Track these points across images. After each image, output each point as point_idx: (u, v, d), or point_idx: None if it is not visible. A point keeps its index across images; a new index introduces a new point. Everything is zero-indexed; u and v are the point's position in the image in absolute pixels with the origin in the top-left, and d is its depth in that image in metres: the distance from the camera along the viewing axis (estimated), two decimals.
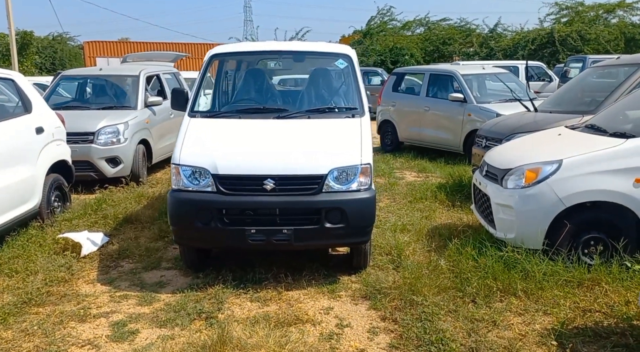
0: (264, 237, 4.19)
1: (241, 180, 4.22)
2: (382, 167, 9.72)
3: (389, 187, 8.11)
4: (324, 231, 4.23)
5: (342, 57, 5.18)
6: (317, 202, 4.20)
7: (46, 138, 5.64)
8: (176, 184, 4.32)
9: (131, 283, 4.54)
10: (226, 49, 5.40)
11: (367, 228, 4.37)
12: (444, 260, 4.64)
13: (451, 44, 32.61)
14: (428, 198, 7.22)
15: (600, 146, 4.39)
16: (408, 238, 5.52)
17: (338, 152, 4.36)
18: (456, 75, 10.30)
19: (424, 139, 10.95)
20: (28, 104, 5.54)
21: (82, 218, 6.06)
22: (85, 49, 32.41)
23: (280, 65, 5.73)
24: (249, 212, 4.24)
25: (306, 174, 4.22)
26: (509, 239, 4.53)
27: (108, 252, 5.24)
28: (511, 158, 4.84)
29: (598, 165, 4.26)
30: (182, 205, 4.25)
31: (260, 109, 4.92)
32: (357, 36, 33.75)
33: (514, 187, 4.55)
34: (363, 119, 4.75)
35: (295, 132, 4.56)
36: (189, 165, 4.28)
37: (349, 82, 5.09)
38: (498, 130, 6.97)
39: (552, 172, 4.36)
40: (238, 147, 4.40)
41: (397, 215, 6.53)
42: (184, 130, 4.62)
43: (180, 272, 4.77)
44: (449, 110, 10.21)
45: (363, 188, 4.35)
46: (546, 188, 4.34)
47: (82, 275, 4.69)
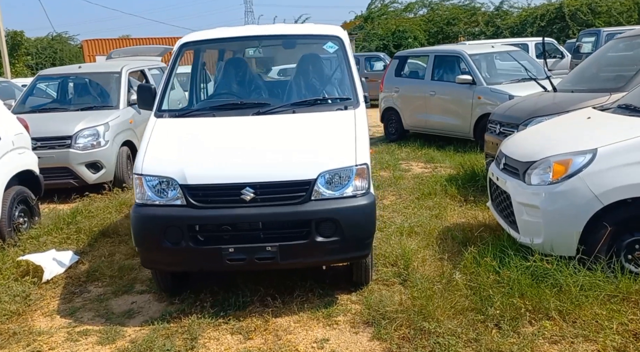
0: (245, 256, 3.53)
1: (215, 190, 3.55)
2: (387, 159, 9.02)
3: (394, 181, 7.41)
4: (315, 246, 3.55)
5: (331, 39, 4.46)
6: (305, 213, 3.53)
7: (4, 147, 5.01)
8: (140, 198, 3.65)
9: (96, 313, 3.91)
10: (198, 36, 4.68)
11: (366, 240, 3.69)
12: (459, 273, 3.95)
13: (456, 24, 31.64)
14: (437, 193, 6.52)
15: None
16: (417, 244, 4.83)
17: (328, 152, 3.67)
18: (463, 55, 9.54)
19: (431, 126, 10.21)
20: None
21: (52, 234, 5.42)
22: (84, 47, 31.77)
23: (261, 52, 5.04)
24: (226, 227, 3.57)
25: (291, 180, 3.54)
26: (536, 245, 3.83)
27: (76, 274, 4.61)
28: (534, 148, 4.12)
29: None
30: (146, 222, 3.59)
31: (237, 105, 4.22)
32: (358, 21, 32.83)
33: (540, 183, 3.84)
34: (358, 110, 4.04)
35: (278, 130, 3.87)
36: (153, 175, 3.61)
37: (340, 68, 4.38)
38: (513, 114, 6.23)
39: (585, 164, 3.64)
40: (210, 151, 3.72)
41: (404, 214, 5.84)
42: (148, 134, 3.95)
43: (154, 297, 4.13)
44: (457, 94, 9.47)
45: (360, 193, 3.66)
46: (579, 183, 3.63)
47: (41, 305, 4.06)
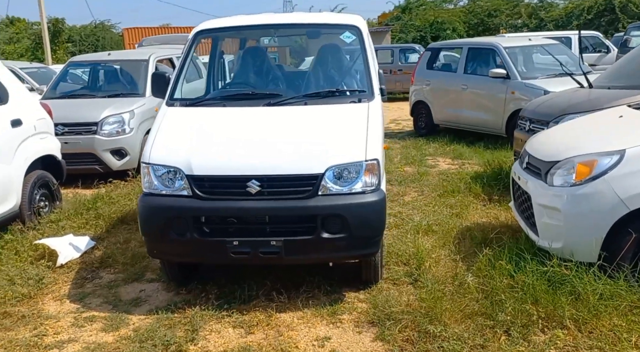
0: (249, 249, 3.47)
1: (220, 182, 3.49)
2: (413, 154, 8.83)
3: (417, 177, 7.23)
4: (321, 242, 3.46)
5: (348, 29, 4.33)
6: (311, 208, 3.43)
7: (25, 131, 5.08)
8: (147, 187, 3.63)
9: (104, 300, 3.93)
10: (213, 24, 4.61)
11: (374, 238, 3.57)
12: (471, 275, 3.79)
13: (497, 15, 30.84)
14: (461, 191, 6.32)
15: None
16: (432, 243, 4.69)
17: (337, 145, 3.56)
18: (498, 48, 9.21)
19: (462, 121, 9.93)
20: (3, 94, 4.98)
21: (71, 219, 5.51)
22: (124, 35, 32.41)
23: (276, 41, 4.95)
24: (231, 220, 3.51)
25: (297, 173, 3.45)
26: (555, 249, 3.64)
27: (90, 259, 4.66)
28: (558, 147, 3.91)
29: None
30: (152, 212, 3.56)
31: (249, 95, 4.15)
32: (396, 12, 32.34)
33: (562, 184, 3.63)
34: (372, 103, 3.90)
35: (288, 122, 3.78)
36: (160, 164, 3.58)
37: (356, 59, 4.25)
38: (544, 111, 5.95)
39: (611, 165, 3.42)
40: (217, 142, 3.66)
41: (423, 212, 5.68)
42: (158, 122, 3.92)
43: (162, 286, 4.13)
44: (490, 88, 9.16)
45: (369, 189, 3.54)
46: (603, 186, 3.41)
47: (52, 289, 4.11)
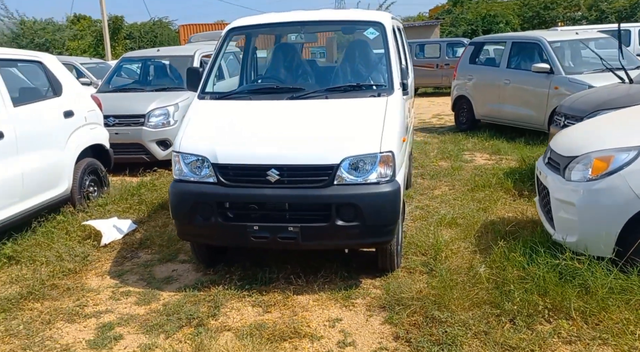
0: (268, 234, 3.70)
1: (242, 170, 3.73)
2: (450, 149, 8.83)
3: (450, 172, 7.27)
4: (336, 229, 3.64)
5: (372, 25, 4.46)
6: (326, 197, 3.62)
7: (76, 122, 5.51)
8: (178, 174, 3.92)
9: (140, 277, 4.27)
10: (244, 22, 4.86)
11: (387, 227, 3.72)
12: (484, 266, 3.88)
13: (554, 8, 29.81)
14: (492, 186, 6.33)
15: None
16: (454, 235, 4.79)
17: (353, 137, 3.72)
18: (542, 42, 9.05)
19: (504, 117, 9.82)
20: (57, 87, 5.42)
21: (117, 203, 5.93)
22: (180, 32, 33.41)
23: (303, 37, 5.13)
24: (253, 206, 3.75)
25: (314, 163, 3.64)
26: (570, 243, 3.67)
27: (131, 240, 5.03)
28: (579, 142, 3.92)
29: None
30: (181, 197, 3.85)
31: (273, 89, 4.37)
32: (447, 6, 31.86)
33: (579, 179, 3.65)
34: (391, 97, 4.04)
35: (308, 115, 3.97)
36: (189, 153, 3.86)
37: (378, 54, 4.38)
38: (579, 107, 5.88)
39: (628, 161, 3.43)
40: (241, 132, 3.90)
41: (451, 205, 5.75)
42: (190, 114, 4.21)
43: (192, 267, 4.43)
44: (533, 83, 9.02)
45: (384, 180, 3.69)
46: (619, 181, 3.42)
47: (96, 266, 4.49)
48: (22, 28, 26.02)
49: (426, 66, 18.91)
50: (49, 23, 26.99)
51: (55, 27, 26.80)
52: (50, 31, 26.27)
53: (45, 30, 26.14)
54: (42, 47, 25.22)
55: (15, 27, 26.29)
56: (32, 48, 25.07)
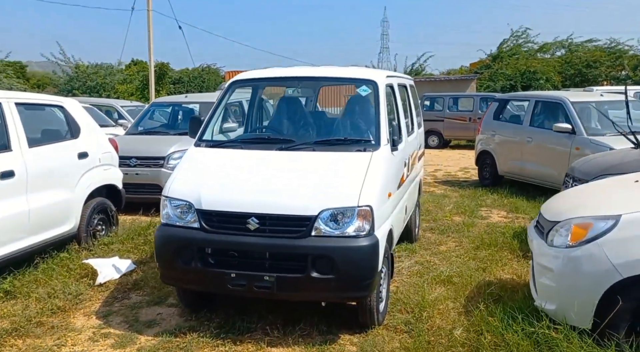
0: (245, 282, 3.74)
1: (224, 217, 3.83)
2: (467, 204, 8.72)
3: (461, 227, 7.17)
4: (311, 281, 3.65)
5: (365, 83, 4.59)
6: (302, 247, 3.66)
7: (90, 163, 5.79)
8: (165, 218, 4.05)
9: (124, 319, 4.35)
10: (246, 75, 5.10)
11: (363, 282, 3.70)
12: (462, 329, 3.77)
13: (597, 67, 29.39)
14: (498, 244, 6.19)
15: None
16: (445, 293, 4.69)
17: (333, 190, 3.78)
18: (565, 102, 8.97)
19: (525, 174, 9.68)
20: (75, 130, 5.75)
21: (123, 243, 6.11)
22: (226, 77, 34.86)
23: (300, 92, 5.30)
24: (232, 253, 3.82)
25: (292, 214, 3.70)
26: (549, 310, 3.55)
27: (127, 281, 5.15)
28: (564, 207, 3.84)
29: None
30: (165, 240, 3.97)
31: (265, 139, 4.52)
32: (487, 60, 31.97)
33: (559, 245, 3.56)
34: (376, 153, 4.10)
35: (294, 166, 4.06)
36: (176, 197, 4.00)
37: (369, 111, 4.48)
38: (586, 170, 5.76)
39: (605, 230, 3.33)
40: (226, 180, 4.02)
41: (452, 263, 5.65)
42: (183, 160, 4.39)
43: (178, 311, 4.49)
44: (555, 142, 8.90)
45: (362, 234, 3.70)
46: (596, 250, 3.31)
47: (85, 305, 4.61)
48: (76, 72, 27.70)
49: (459, 119, 18.97)
50: (102, 67, 28.64)
51: (107, 72, 28.39)
52: (102, 75, 27.84)
53: (97, 74, 27.73)
54: (94, 89, 26.72)
55: (71, 70, 28.02)
56: (84, 90, 26.61)
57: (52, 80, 32.08)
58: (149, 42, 22.29)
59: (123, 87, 27.75)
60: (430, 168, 14.00)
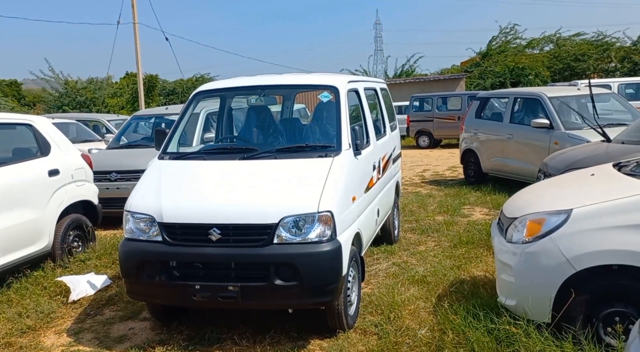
0: (209, 293, 3.75)
1: (186, 229, 3.84)
2: (450, 203, 8.74)
3: (442, 227, 7.18)
4: (275, 288, 3.66)
5: (326, 89, 4.62)
6: (264, 256, 3.67)
7: (62, 180, 5.80)
8: (128, 233, 4.06)
9: (95, 336, 4.34)
10: (209, 86, 5.12)
11: (327, 287, 3.71)
12: (426, 329, 3.79)
13: (585, 60, 29.50)
14: (475, 242, 6.21)
15: (634, 192, 3.28)
16: (418, 294, 4.70)
17: (293, 197, 3.80)
18: (542, 98, 9.02)
19: (507, 170, 9.71)
20: (45, 148, 5.76)
21: (100, 258, 6.11)
22: None
23: (263, 100, 5.33)
24: (197, 265, 3.83)
25: (253, 222, 3.72)
26: (509, 306, 3.57)
27: (101, 297, 5.14)
28: (521, 203, 3.86)
29: (623, 217, 3.16)
30: (128, 255, 3.97)
31: (227, 149, 4.54)
32: (477, 59, 32.09)
33: (517, 241, 3.58)
34: (337, 158, 4.11)
35: (255, 175, 4.08)
36: (138, 212, 4.01)
37: (331, 116, 4.50)
38: (554, 165, 5.80)
39: (558, 224, 3.35)
40: (187, 192, 4.04)
41: (428, 262, 5.66)
42: (145, 174, 4.40)
43: (150, 325, 4.48)
44: (534, 138, 8.94)
45: (324, 239, 3.72)
46: (550, 245, 3.33)
47: (57, 323, 4.60)
48: (65, 88, 27.75)
49: (448, 119, 19.03)
50: (91, 82, 28.68)
51: (97, 86, 28.44)
52: (91, 90, 27.90)
53: (86, 89, 27.78)
54: (84, 104, 26.76)
55: (61, 86, 28.07)
56: (74, 106, 26.66)
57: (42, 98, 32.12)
58: (136, 54, 22.33)
59: (113, 100, 27.82)
60: (419, 168, 14.04)
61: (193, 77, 33.49)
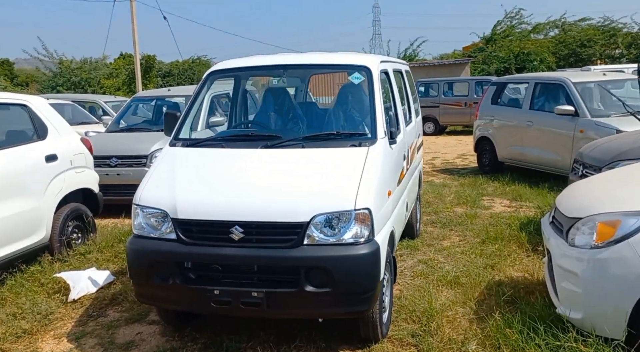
0: (230, 299, 3.30)
1: (204, 226, 3.38)
2: (468, 193, 8.32)
3: (465, 219, 6.76)
4: (305, 296, 3.22)
5: (358, 70, 4.13)
6: (294, 259, 3.22)
7: (60, 166, 5.31)
8: (137, 229, 3.60)
9: (98, 341, 3.90)
10: (226, 65, 4.61)
11: (363, 295, 3.27)
12: (476, 343, 3.37)
13: (591, 46, 28.97)
14: (505, 238, 5.79)
15: None
16: (453, 297, 4.29)
17: (326, 192, 3.33)
18: (567, 83, 8.55)
19: (527, 160, 9.27)
20: (42, 130, 5.26)
21: (102, 251, 5.66)
22: None
23: (285, 81, 4.84)
24: (215, 267, 3.38)
25: (281, 221, 3.26)
26: (574, 319, 3.14)
27: (105, 295, 4.71)
28: (584, 201, 3.42)
29: None
30: (138, 255, 3.51)
31: (248, 136, 4.07)
32: (480, 43, 31.47)
33: (583, 245, 3.15)
34: (373, 147, 3.65)
35: (280, 166, 3.61)
36: (149, 206, 3.55)
37: (363, 101, 4.03)
38: (597, 156, 5.33)
39: (637, 227, 2.91)
40: (205, 184, 3.57)
41: (457, 260, 5.24)
42: (157, 162, 3.92)
43: (159, 329, 4.05)
44: (557, 126, 8.49)
45: (361, 241, 3.27)
46: (628, 251, 2.90)
47: (56, 326, 4.15)
48: (60, 67, 26.98)
49: (454, 105, 18.54)
50: (86, 62, 27.91)
51: (92, 66, 27.68)
52: (86, 70, 27.14)
53: (81, 69, 27.02)
54: (78, 85, 26.04)
55: (55, 66, 27.29)
56: (69, 86, 25.94)
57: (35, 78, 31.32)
58: (133, 34, 21.67)
59: (109, 81, 27.07)
60: (427, 156, 13.59)
61: (190, 58, 32.71)
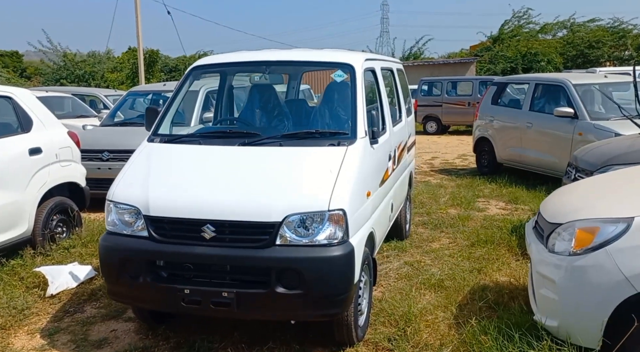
0: (200, 299, 3.24)
1: (175, 224, 3.31)
2: (463, 194, 8.21)
3: (457, 221, 6.66)
4: (276, 297, 3.15)
5: (340, 67, 4.04)
6: (265, 259, 3.15)
7: (44, 159, 5.27)
8: (110, 226, 3.54)
9: (72, 338, 3.85)
10: (208, 60, 4.54)
11: (336, 297, 3.20)
12: (450, 349, 3.28)
13: (600, 47, 28.71)
14: (495, 241, 5.69)
15: None
16: (435, 301, 4.20)
17: (300, 192, 3.26)
18: (566, 85, 8.41)
19: (525, 162, 9.15)
20: (26, 123, 5.22)
21: (86, 245, 5.60)
22: None
23: (267, 78, 4.76)
24: (187, 265, 3.32)
25: (253, 220, 3.19)
26: (550, 327, 3.06)
27: (84, 290, 4.65)
28: (565, 207, 3.32)
29: None
30: (108, 252, 3.45)
31: (226, 133, 3.99)
32: (488, 43, 31.26)
33: (562, 251, 3.06)
34: (352, 147, 3.56)
35: (256, 164, 3.53)
36: (121, 202, 3.49)
37: (345, 99, 3.94)
38: (589, 160, 5.22)
39: (615, 235, 2.82)
40: (178, 181, 3.50)
41: (444, 263, 5.15)
42: (133, 158, 3.86)
43: (135, 327, 4.00)
44: (556, 128, 8.37)
45: (335, 242, 3.20)
46: (605, 259, 2.81)
47: (31, 321, 4.11)
48: (64, 60, 27.02)
49: (458, 104, 18.39)
50: (91, 55, 27.94)
51: (96, 60, 27.71)
52: (90, 63, 27.17)
53: (85, 62, 27.06)
54: (82, 78, 26.07)
55: (59, 59, 27.34)
56: (72, 79, 25.98)
57: (38, 70, 31.38)
58: (137, 28, 21.59)
59: (113, 75, 27.10)
60: (427, 156, 13.50)
61: (196, 53, 32.65)
